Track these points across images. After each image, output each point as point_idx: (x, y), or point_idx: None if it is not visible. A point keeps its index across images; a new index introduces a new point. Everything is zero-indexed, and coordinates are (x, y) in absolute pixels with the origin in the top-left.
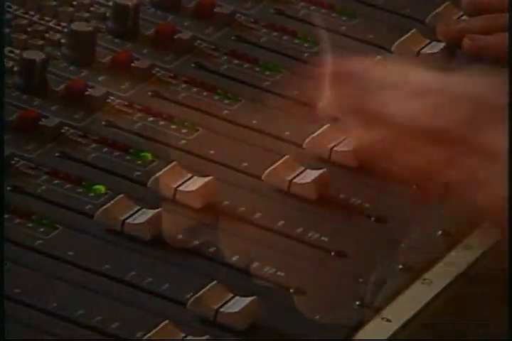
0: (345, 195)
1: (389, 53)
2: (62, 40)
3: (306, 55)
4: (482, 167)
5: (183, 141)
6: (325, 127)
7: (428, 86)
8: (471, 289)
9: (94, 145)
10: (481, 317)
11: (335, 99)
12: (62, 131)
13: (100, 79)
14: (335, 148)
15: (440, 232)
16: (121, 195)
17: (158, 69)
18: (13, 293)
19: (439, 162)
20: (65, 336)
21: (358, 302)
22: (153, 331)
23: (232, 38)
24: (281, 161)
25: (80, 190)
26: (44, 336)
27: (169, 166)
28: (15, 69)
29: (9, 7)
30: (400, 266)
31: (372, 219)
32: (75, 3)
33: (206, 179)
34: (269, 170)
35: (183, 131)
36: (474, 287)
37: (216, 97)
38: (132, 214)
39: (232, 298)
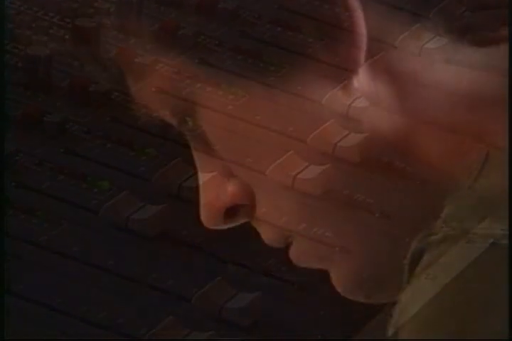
0: (349, 191)
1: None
2: (66, 36)
3: (310, 50)
4: None
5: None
6: (329, 123)
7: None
8: (475, 284)
9: (98, 141)
10: (484, 313)
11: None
12: (67, 126)
13: (104, 75)
14: (339, 144)
15: (443, 226)
16: (126, 191)
17: (161, 64)
18: (17, 288)
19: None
20: (69, 332)
21: (362, 298)
22: (158, 327)
23: (236, 33)
24: (285, 157)
25: (85, 185)
26: (48, 332)
27: (173, 162)
28: (19, 65)
29: (13, 3)
30: (404, 261)
31: (376, 214)
32: None
33: (210, 174)
34: (273, 165)
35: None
36: (478, 282)
37: (220, 93)
38: (137, 210)
39: (236, 293)
